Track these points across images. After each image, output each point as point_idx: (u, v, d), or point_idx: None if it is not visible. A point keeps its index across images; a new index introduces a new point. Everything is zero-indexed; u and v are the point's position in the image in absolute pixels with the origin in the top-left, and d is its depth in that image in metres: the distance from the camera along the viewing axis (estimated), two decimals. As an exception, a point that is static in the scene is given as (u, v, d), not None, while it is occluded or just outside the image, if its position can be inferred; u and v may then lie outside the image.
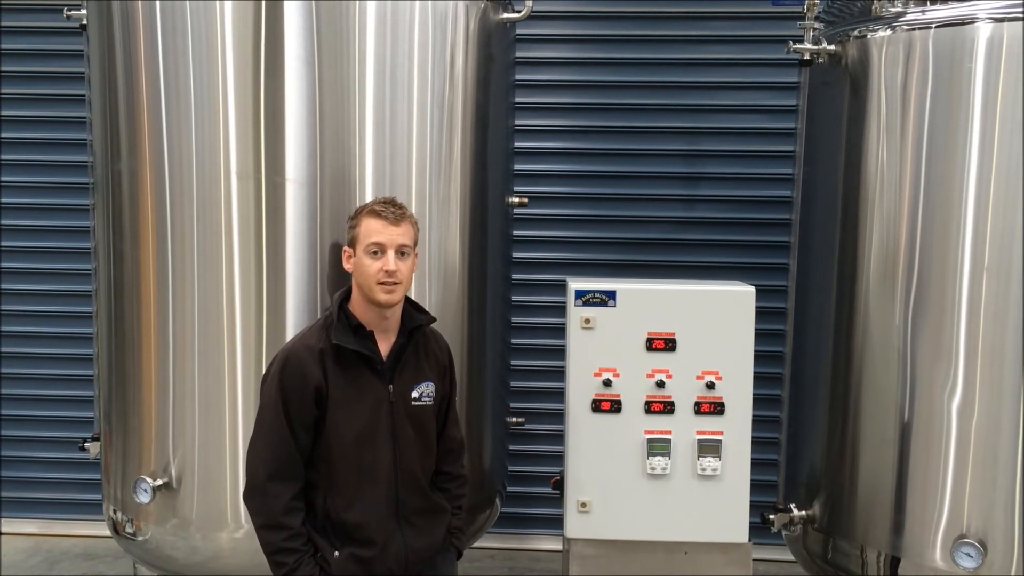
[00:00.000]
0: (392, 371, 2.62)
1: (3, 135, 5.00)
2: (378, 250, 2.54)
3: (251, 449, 2.59)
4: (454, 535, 2.84)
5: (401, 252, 2.57)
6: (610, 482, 3.28)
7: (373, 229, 2.55)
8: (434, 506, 2.75)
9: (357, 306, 2.62)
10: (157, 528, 3.26)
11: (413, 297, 2.80)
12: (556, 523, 3.58)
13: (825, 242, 3.42)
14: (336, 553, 2.58)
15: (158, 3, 3.08)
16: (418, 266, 2.84)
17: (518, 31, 3.98)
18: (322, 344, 2.56)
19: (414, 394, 2.65)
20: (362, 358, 2.57)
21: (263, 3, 3.01)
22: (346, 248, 2.66)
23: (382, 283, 2.53)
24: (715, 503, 3.26)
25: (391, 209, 2.58)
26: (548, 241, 4.88)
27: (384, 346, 2.63)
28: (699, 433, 3.24)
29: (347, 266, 2.65)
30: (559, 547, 3.52)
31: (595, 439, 3.28)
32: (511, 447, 4.27)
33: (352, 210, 3.11)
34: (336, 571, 2.57)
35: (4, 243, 5.04)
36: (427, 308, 2.78)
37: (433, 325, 2.78)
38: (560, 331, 3.47)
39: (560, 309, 3.52)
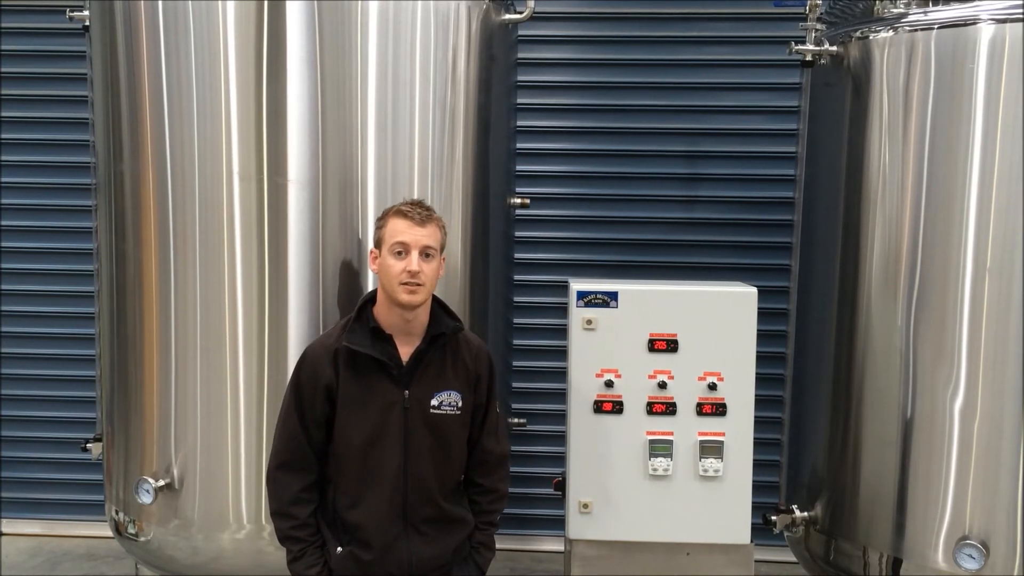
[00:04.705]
0: (410, 376, 2.59)
1: (5, 136, 5.00)
2: (402, 250, 2.52)
3: (273, 437, 2.68)
4: (476, 550, 2.76)
5: (426, 254, 2.54)
6: (612, 483, 3.28)
7: (398, 229, 2.54)
8: (450, 517, 2.68)
9: (380, 309, 2.61)
10: (159, 529, 3.26)
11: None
12: (558, 524, 3.58)
13: (827, 243, 3.42)
14: (339, 549, 2.60)
15: (160, 4, 3.08)
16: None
17: (520, 32, 3.97)
18: (338, 344, 2.57)
19: (434, 402, 2.60)
20: (376, 361, 2.56)
21: (265, 3, 3.01)
22: (372, 249, 2.65)
23: (404, 283, 2.50)
24: (717, 504, 3.26)
25: (417, 210, 2.57)
26: (550, 242, 4.88)
27: (406, 350, 2.60)
28: (701, 434, 3.25)
29: (372, 267, 2.64)
30: (561, 548, 3.51)
31: (597, 440, 3.28)
32: (513, 448, 4.25)
33: (353, 210, 3.10)
34: (335, 566, 2.60)
35: (6, 244, 5.04)
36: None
37: None
38: (562, 332, 3.47)
39: (562, 310, 3.52)
